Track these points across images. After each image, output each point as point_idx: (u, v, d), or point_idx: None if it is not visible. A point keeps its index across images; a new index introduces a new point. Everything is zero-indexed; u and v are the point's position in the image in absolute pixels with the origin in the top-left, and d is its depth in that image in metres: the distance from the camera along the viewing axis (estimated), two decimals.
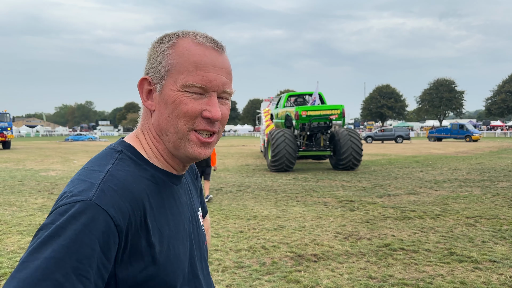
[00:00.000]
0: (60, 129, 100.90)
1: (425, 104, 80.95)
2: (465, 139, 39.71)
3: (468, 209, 7.94)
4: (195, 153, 0.93)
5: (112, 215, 0.78)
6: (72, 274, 0.71)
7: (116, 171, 0.86)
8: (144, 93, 0.95)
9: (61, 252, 0.72)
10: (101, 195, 0.80)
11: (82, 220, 0.76)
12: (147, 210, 0.86)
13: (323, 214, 7.64)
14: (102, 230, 0.76)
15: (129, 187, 0.84)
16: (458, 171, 14.39)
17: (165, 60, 0.91)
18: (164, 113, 0.92)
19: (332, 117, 14.92)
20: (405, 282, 4.34)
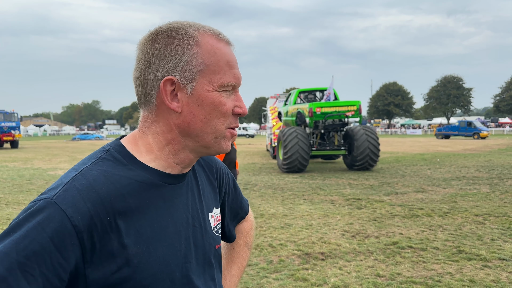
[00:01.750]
0: (67, 128, 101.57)
1: (432, 101, 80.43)
2: (473, 137, 39.39)
3: (476, 207, 7.87)
4: (227, 147, 0.95)
5: (69, 215, 0.77)
6: (17, 269, 0.71)
7: (89, 171, 0.85)
8: (168, 95, 0.89)
9: (9, 247, 0.73)
10: (62, 194, 0.79)
11: (37, 218, 0.76)
12: (119, 211, 0.83)
13: (330, 212, 7.61)
14: (57, 229, 0.76)
15: (96, 187, 0.82)
16: (466, 169, 14.28)
17: (195, 59, 0.87)
18: (199, 114, 0.89)
19: (348, 114, 14.09)
20: (413, 280, 4.32)
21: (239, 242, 1.31)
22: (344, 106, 14.06)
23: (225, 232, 1.25)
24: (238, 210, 1.29)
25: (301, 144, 13.25)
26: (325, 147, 14.76)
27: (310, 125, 14.49)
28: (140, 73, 0.90)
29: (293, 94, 16.77)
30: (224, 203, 1.22)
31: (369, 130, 13.90)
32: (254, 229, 1.39)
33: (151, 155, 0.92)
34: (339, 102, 14.24)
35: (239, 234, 1.32)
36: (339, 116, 14.18)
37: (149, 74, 0.89)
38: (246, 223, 1.35)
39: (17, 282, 0.71)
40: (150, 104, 0.91)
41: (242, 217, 1.32)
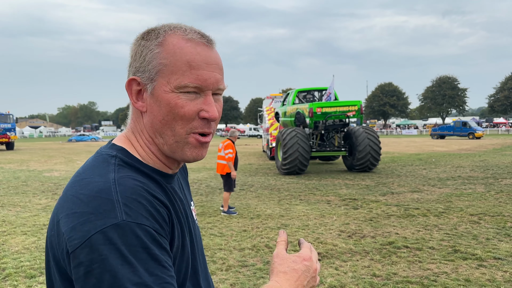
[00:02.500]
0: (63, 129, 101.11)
1: (427, 101, 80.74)
2: (468, 137, 39.58)
3: (472, 207, 7.92)
4: (193, 155, 0.90)
5: (146, 224, 0.77)
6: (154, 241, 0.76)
7: (121, 179, 0.82)
8: (133, 94, 0.90)
9: (138, 274, 0.73)
10: (127, 211, 0.76)
11: (128, 241, 0.74)
12: (168, 207, 0.86)
13: (327, 213, 7.63)
14: (148, 238, 0.76)
15: (141, 192, 0.81)
16: (462, 169, 14.35)
17: (155, 59, 0.87)
18: (158, 115, 0.88)
19: (349, 114, 13.73)
20: (409, 280, 4.34)
21: None
22: (345, 106, 13.71)
23: None
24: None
25: (301, 145, 12.88)
26: (325, 148, 14.46)
27: (310, 126, 14.07)
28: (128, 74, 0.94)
29: (292, 94, 16.32)
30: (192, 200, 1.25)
31: (370, 131, 13.66)
32: None
33: (145, 156, 0.93)
34: (340, 102, 13.90)
35: None
36: (340, 116, 13.86)
37: (128, 75, 0.92)
38: None
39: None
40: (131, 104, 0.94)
41: None
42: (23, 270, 4.73)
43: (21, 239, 6.03)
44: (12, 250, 5.48)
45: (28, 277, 4.53)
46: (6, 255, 5.28)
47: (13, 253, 5.35)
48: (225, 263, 4.91)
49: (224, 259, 5.07)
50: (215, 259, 5.05)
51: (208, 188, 10.78)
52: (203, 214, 7.66)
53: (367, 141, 13.32)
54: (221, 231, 6.38)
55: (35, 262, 4.97)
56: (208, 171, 14.55)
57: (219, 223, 6.94)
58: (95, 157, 0.91)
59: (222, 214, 7.58)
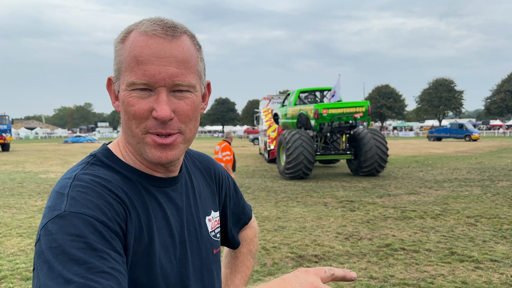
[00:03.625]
0: (59, 131, 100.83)
1: (424, 104, 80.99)
2: (464, 139, 39.71)
3: (468, 209, 7.93)
4: (155, 157, 0.84)
5: (89, 214, 0.74)
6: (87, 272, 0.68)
7: (83, 175, 0.82)
8: (112, 94, 0.89)
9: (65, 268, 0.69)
10: (72, 202, 0.76)
11: (66, 229, 0.72)
12: (128, 202, 0.82)
13: (324, 215, 7.63)
14: (87, 225, 0.73)
15: (98, 184, 0.80)
16: (458, 171, 14.39)
17: (117, 57, 0.84)
18: (122, 115, 0.85)
19: (356, 116, 13.04)
20: (406, 282, 4.34)
21: (243, 250, 1.25)
22: (352, 107, 13.03)
23: (228, 238, 1.20)
24: (241, 215, 1.24)
25: (305, 148, 12.24)
26: (329, 152, 13.93)
27: (316, 128, 13.29)
28: None
29: (293, 94, 15.52)
30: (226, 207, 1.17)
31: (377, 134, 13.12)
32: (258, 236, 1.33)
33: (128, 158, 0.90)
34: (346, 103, 13.22)
35: (242, 241, 1.26)
36: (347, 118, 13.15)
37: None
38: (249, 230, 1.29)
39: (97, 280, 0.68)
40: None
41: (245, 223, 1.27)
42: (18, 272, 4.69)
43: (16, 241, 5.99)
44: (8, 252, 5.44)
45: (23, 279, 4.50)
46: (2, 257, 5.25)
47: (8, 255, 5.31)
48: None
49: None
50: None
51: None
52: None
53: (374, 145, 12.79)
54: None
55: (31, 265, 4.93)
56: None
57: None
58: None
59: None
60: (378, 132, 13.20)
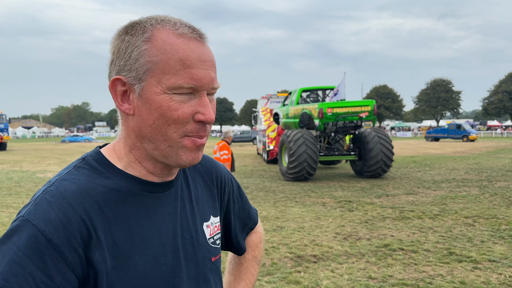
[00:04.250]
0: (56, 130, 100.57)
1: (422, 104, 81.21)
2: (462, 139, 39.80)
3: (466, 209, 7.95)
4: (190, 159, 0.83)
5: (41, 229, 0.72)
6: None
7: (61, 181, 0.79)
8: (118, 96, 0.82)
9: None
10: (33, 209, 0.74)
11: (12, 239, 0.72)
12: (97, 221, 0.77)
13: (322, 215, 7.63)
14: (33, 246, 0.71)
15: (67, 196, 0.76)
16: (456, 171, 14.42)
17: (143, 57, 0.78)
18: (148, 119, 0.80)
19: (362, 115, 12.60)
20: (405, 282, 4.34)
21: (247, 257, 1.21)
22: (358, 107, 12.58)
23: (233, 244, 1.17)
24: (246, 220, 1.19)
25: (309, 150, 11.83)
26: (333, 152, 13.52)
27: (320, 128, 12.81)
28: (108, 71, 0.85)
29: (295, 93, 14.96)
30: (229, 212, 1.12)
31: (383, 134, 12.74)
32: (263, 242, 1.29)
33: (123, 162, 0.86)
34: (352, 102, 12.74)
35: (247, 247, 1.22)
36: (352, 117, 12.71)
37: (110, 74, 0.84)
38: (254, 235, 1.24)
39: None
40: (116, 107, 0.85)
41: (251, 228, 1.23)
42: None
43: None
44: None
45: None
46: None
47: None
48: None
49: None
50: None
51: None
52: None
53: (380, 146, 12.38)
54: None
55: None
56: None
57: None
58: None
59: None
60: (383, 133, 12.82)
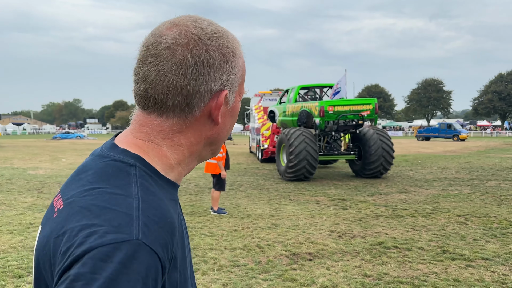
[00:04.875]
0: (47, 127, 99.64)
1: (413, 103, 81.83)
2: (452, 139, 40.19)
3: (458, 208, 8.04)
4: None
5: (160, 255, 0.66)
6: None
7: (146, 196, 0.72)
8: (220, 108, 0.82)
9: None
10: (145, 230, 0.66)
11: (135, 268, 0.62)
12: (177, 237, 0.75)
13: (316, 213, 7.66)
14: (153, 276, 0.65)
15: (167, 214, 0.72)
16: (447, 170, 14.56)
17: (239, 71, 0.84)
18: (228, 124, 0.87)
19: (363, 114, 12.32)
20: (400, 280, 4.38)
21: None
22: (359, 105, 12.32)
23: None
24: None
25: (309, 149, 11.51)
26: (332, 152, 13.26)
27: (321, 126, 12.45)
28: (189, 81, 0.77)
29: (293, 90, 14.53)
30: None
31: (383, 133, 12.48)
32: None
33: (167, 169, 0.81)
34: (353, 100, 12.51)
35: None
36: (354, 116, 12.43)
37: (202, 84, 0.78)
38: None
39: None
40: (187, 114, 0.80)
41: None
42: (10, 269, 4.63)
43: (7, 238, 5.92)
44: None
45: (15, 276, 4.44)
46: None
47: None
48: (216, 263, 4.89)
49: (216, 259, 5.05)
50: (206, 259, 5.03)
51: (197, 188, 10.73)
52: (192, 213, 7.62)
53: (380, 145, 12.11)
54: (211, 231, 6.35)
55: (23, 262, 4.88)
56: (196, 171, 14.49)
57: (209, 222, 6.91)
58: (104, 163, 0.77)
59: (212, 214, 7.55)
60: (384, 132, 12.55)
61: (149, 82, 0.77)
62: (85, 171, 0.77)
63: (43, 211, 7.73)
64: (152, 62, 0.76)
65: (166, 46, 0.76)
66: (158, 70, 0.76)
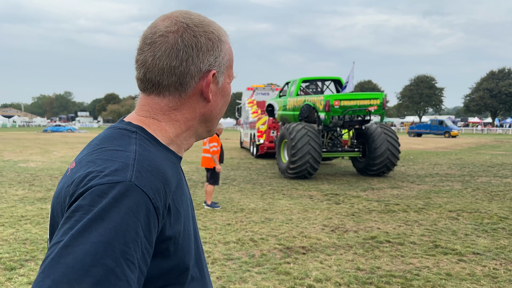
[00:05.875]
0: (38, 119, 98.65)
1: (405, 100, 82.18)
2: (444, 135, 40.50)
3: (450, 203, 8.11)
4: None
5: (151, 197, 0.77)
6: (121, 259, 0.69)
7: (144, 151, 0.84)
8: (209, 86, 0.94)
9: (109, 236, 0.69)
10: (138, 175, 0.77)
11: (125, 203, 0.73)
12: (168, 191, 0.84)
13: (309, 207, 7.69)
14: (144, 213, 0.74)
15: (161, 167, 0.83)
16: (439, 166, 14.68)
17: (226, 55, 0.97)
18: (219, 103, 1.00)
19: (370, 109, 11.63)
20: (392, 274, 4.42)
21: None
22: (367, 100, 11.63)
23: None
24: None
25: (313, 143, 10.96)
26: (336, 148, 12.62)
27: (326, 122, 11.80)
28: (180, 62, 0.89)
29: (294, 83, 13.81)
30: None
31: (388, 129, 11.96)
32: None
33: (167, 140, 0.94)
34: (360, 94, 11.79)
35: None
36: (360, 111, 11.73)
37: (192, 65, 0.91)
38: None
39: (124, 272, 0.69)
40: (180, 92, 0.92)
41: None
42: (2, 262, 4.60)
43: None
44: None
45: (8, 269, 4.41)
46: None
47: None
48: (210, 256, 4.90)
49: (209, 252, 5.05)
50: None
51: (190, 182, 10.71)
52: None
53: (386, 142, 11.59)
54: (205, 225, 6.35)
55: (15, 254, 4.84)
56: (189, 165, 14.47)
57: (203, 216, 6.91)
58: (111, 131, 0.91)
59: (206, 208, 7.55)
60: (389, 128, 12.06)
61: (147, 66, 0.90)
62: (95, 139, 0.92)
63: (34, 203, 7.67)
64: (149, 49, 0.90)
65: (159, 34, 0.89)
66: (153, 55, 0.89)
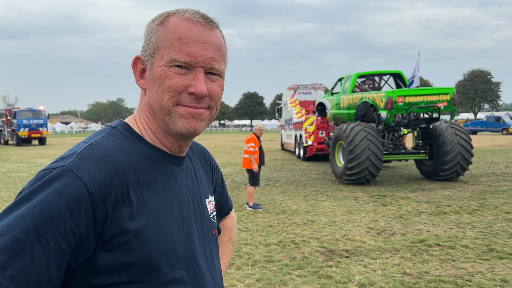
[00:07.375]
0: (93, 125, 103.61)
1: (459, 96, 78.51)
2: (501, 132, 38.24)
3: (507, 204, 7.59)
4: (186, 126, 0.91)
5: (86, 182, 0.80)
6: (32, 232, 0.74)
7: (101, 142, 0.88)
8: (137, 72, 0.96)
9: (26, 211, 0.75)
10: (78, 161, 0.82)
11: (55, 185, 0.78)
12: (131, 183, 0.86)
13: (354, 209, 7.48)
14: (73, 195, 0.78)
15: (111, 157, 0.85)
16: (495, 165, 13.84)
17: (154, 37, 0.92)
18: (152, 89, 0.92)
19: (440, 105, 10.35)
20: (442, 279, 4.17)
21: (224, 238, 1.32)
22: (435, 95, 10.34)
23: None
24: (224, 205, 1.32)
25: (373, 147, 9.81)
26: (399, 151, 11.25)
27: (388, 121, 10.46)
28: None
29: (349, 79, 12.59)
30: (213, 195, 1.22)
31: (459, 128, 10.57)
32: (236, 226, 1.43)
33: (144, 133, 0.97)
34: (428, 89, 10.65)
35: (224, 230, 1.34)
36: (428, 108, 10.49)
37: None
38: (229, 219, 1.37)
39: (31, 244, 0.73)
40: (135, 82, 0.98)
41: (227, 212, 1.35)
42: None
43: None
44: None
45: None
46: None
47: None
48: (251, 258, 4.86)
49: (250, 254, 5.02)
50: (241, 254, 5.01)
51: (233, 183, 10.77)
52: None
53: (458, 144, 10.21)
54: (246, 226, 6.34)
55: None
56: (233, 166, 14.56)
57: (245, 218, 6.90)
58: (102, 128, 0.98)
59: (248, 209, 7.54)
60: (461, 127, 10.63)
61: None
62: None
63: None
64: None
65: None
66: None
